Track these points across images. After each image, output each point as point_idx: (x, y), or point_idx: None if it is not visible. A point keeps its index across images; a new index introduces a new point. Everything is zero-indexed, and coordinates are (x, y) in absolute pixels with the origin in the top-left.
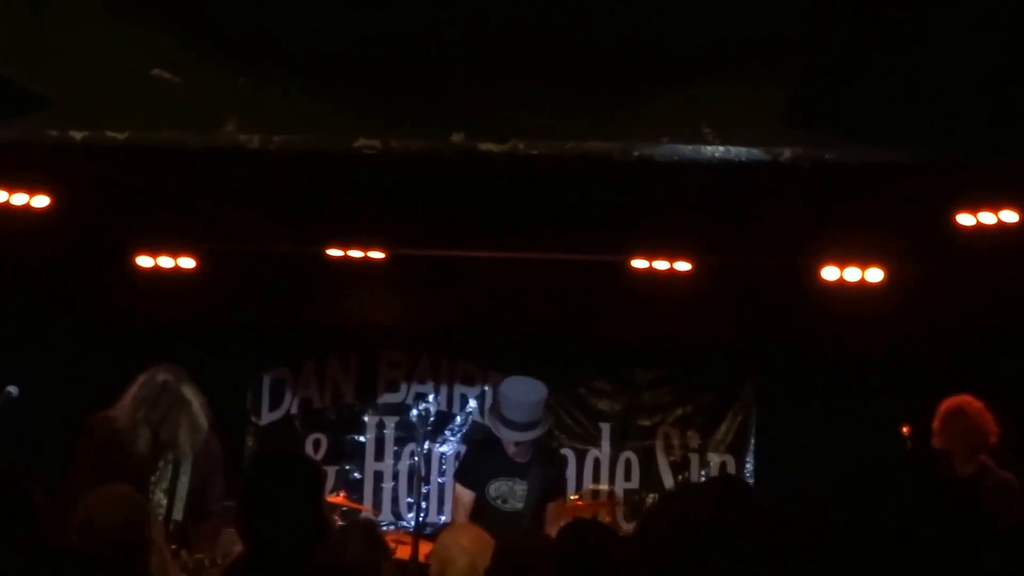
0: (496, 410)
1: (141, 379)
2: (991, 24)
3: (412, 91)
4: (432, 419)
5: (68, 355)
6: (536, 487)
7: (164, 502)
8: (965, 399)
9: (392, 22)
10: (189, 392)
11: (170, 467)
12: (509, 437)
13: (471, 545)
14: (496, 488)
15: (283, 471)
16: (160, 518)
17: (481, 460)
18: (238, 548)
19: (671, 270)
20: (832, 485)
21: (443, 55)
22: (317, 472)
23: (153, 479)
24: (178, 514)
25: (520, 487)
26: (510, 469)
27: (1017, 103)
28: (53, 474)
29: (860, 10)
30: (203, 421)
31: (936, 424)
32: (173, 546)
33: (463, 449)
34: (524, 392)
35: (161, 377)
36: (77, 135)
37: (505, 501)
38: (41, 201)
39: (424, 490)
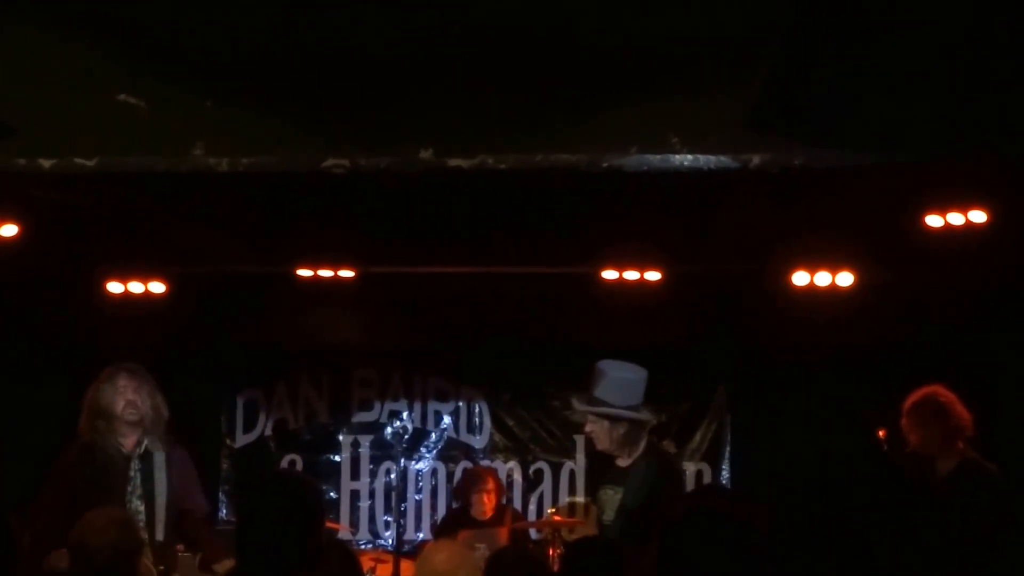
0: None
1: (90, 394)
2: (955, 24)
3: (379, 109)
4: (407, 436)
5: (40, 383)
6: (630, 497)
7: (142, 508)
8: (929, 391)
9: (357, 41)
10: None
11: (139, 473)
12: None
13: (445, 562)
14: (599, 496)
15: (284, 491)
16: (141, 523)
17: (601, 465)
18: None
19: (642, 280)
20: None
21: (409, 72)
22: (317, 493)
23: (129, 488)
24: (160, 534)
25: (618, 496)
26: (615, 476)
27: (983, 101)
28: (23, 501)
29: (823, 13)
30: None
31: (904, 421)
32: (161, 567)
33: (439, 466)
34: (610, 365)
35: (107, 378)
36: (45, 163)
37: (603, 512)
38: (9, 230)
39: (401, 508)
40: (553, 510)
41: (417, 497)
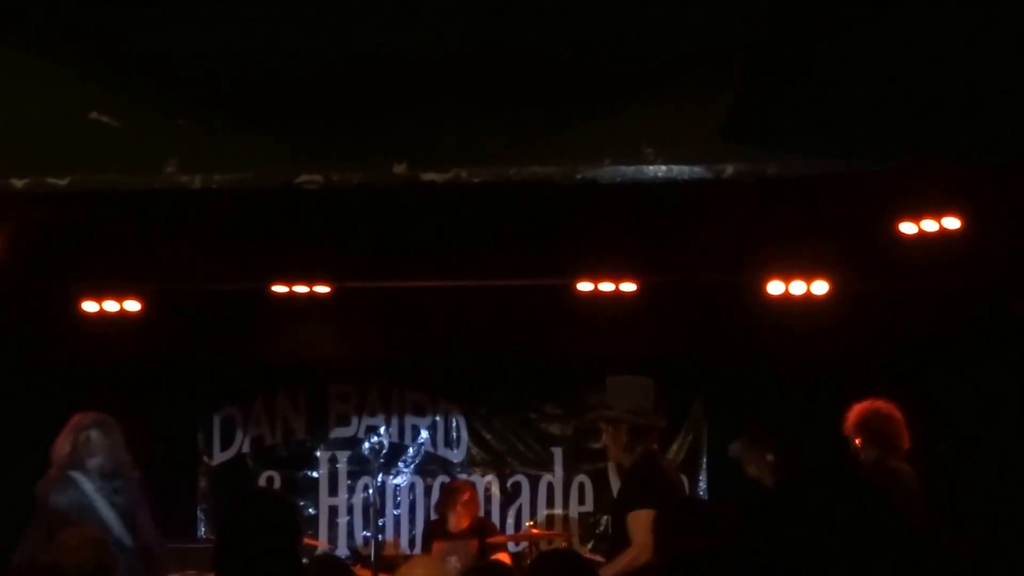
0: None
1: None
2: (927, 32)
3: (351, 124)
4: (385, 451)
5: (15, 403)
6: (616, 493)
7: None
8: (858, 405)
9: (328, 56)
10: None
11: None
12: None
13: None
14: None
15: (263, 510)
16: None
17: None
18: None
19: (617, 291)
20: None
21: (381, 86)
22: (295, 512)
23: None
24: None
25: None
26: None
27: (956, 109)
28: None
29: (796, 22)
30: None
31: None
32: None
33: (417, 481)
34: (616, 377)
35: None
36: (17, 182)
37: None
38: None
39: (380, 523)
40: (531, 523)
41: (395, 512)
